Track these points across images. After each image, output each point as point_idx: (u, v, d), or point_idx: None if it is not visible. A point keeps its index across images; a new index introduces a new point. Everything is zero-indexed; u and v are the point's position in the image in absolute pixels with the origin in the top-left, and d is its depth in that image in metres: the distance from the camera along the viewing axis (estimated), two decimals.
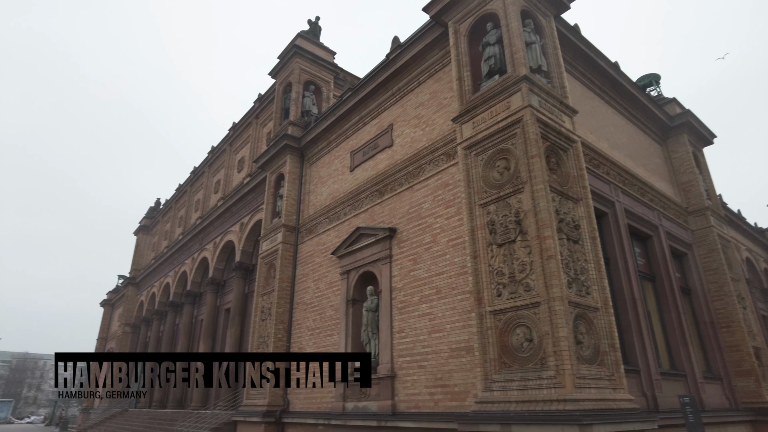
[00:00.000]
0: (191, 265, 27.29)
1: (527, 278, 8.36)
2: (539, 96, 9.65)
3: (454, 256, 10.45)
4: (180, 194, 34.20)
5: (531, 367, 7.89)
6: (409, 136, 13.00)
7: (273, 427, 14.30)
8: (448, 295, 10.33)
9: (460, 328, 9.84)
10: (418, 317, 10.89)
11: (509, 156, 9.32)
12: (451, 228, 10.73)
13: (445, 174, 11.36)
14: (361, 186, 14.22)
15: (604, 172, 12.45)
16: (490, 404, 8.11)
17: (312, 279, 15.48)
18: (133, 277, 38.80)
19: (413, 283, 11.30)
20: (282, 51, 20.28)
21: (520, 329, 8.26)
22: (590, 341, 8.21)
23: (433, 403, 10.00)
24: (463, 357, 9.64)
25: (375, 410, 11.19)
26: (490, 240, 9.12)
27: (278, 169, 18.36)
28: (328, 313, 14.14)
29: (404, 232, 12.03)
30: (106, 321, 47.27)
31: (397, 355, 11.17)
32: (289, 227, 16.91)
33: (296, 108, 18.60)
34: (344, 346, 12.90)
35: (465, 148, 10.11)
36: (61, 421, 41.65)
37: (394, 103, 13.98)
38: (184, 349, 26.22)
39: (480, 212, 9.44)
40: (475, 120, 10.13)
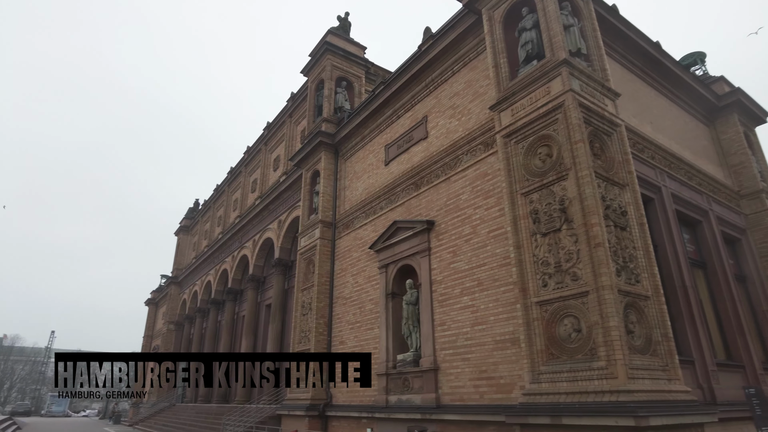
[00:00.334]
0: (231, 263, 27.91)
1: (574, 267, 8.14)
2: (580, 80, 9.35)
3: (495, 248, 10.29)
4: (218, 194, 34.98)
5: (580, 357, 7.69)
6: (445, 126, 12.85)
7: (316, 420, 14.49)
8: (490, 287, 10.18)
9: (504, 320, 9.69)
10: (460, 310, 10.79)
11: (551, 142, 9.08)
12: (491, 219, 10.56)
13: (483, 164, 11.18)
14: (396, 179, 14.17)
15: (648, 157, 11.99)
16: (539, 396, 7.96)
17: (350, 273, 15.56)
18: (176, 276, 39.98)
19: (453, 276, 11.19)
20: (313, 48, 20.39)
21: (568, 320, 8.06)
22: (641, 331, 7.93)
23: (478, 396, 9.90)
24: (508, 349, 9.50)
25: (419, 403, 11.17)
26: (533, 229, 8.93)
27: (313, 166, 18.52)
28: (368, 307, 14.18)
29: (442, 224, 11.92)
30: (151, 319, 48.95)
31: (440, 348, 11.10)
32: (326, 223, 17.04)
33: (329, 104, 18.68)
34: (385, 340, 12.92)
35: (504, 136, 9.91)
36: (114, 414, 43.44)
37: (428, 95, 13.85)
38: (226, 345, 26.88)
39: (522, 201, 9.25)
40: (514, 107, 9.92)
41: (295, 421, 14.99)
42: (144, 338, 48.83)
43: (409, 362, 11.84)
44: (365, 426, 12.84)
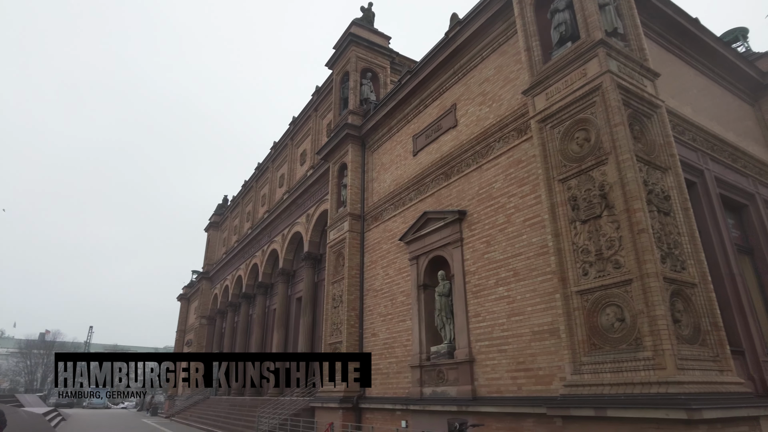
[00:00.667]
0: (261, 257, 28.21)
1: (616, 255, 7.85)
2: (617, 60, 8.98)
3: (531, 236, 10.03)
4: (246, 190, 35.38)
5: (624, 348, 7.42)
6: (475, 114, 12.59)
7: (350, 412, 14.52)
8: (527, 276, 9.94)
9: (542, 310, 9.45)
10: (495, 300, 10.58)
11: (589, 126, 8.76)
12: (526, 207, 10.30)
13: (516, 151, 10.91)
14: (425, 170, 13.98)
15: (689, 139, 11.50)
16: (581, 387, 7.73)
17: (380, 266, 15.47)
18: (206, 271, 40.69)
19: (488, 266, 10.98)
20: (337, 41, 20.28)
21: (610, 309, 7.79)
22: (689, 320, 7.61)
23: (516, 388, 9.70)
24: (546, 340, 9.27)
25: (454, 395, 11.03)
26: (572, 216, 8.64)
27: (340, 159, 18.46)
28: (399, 299, 14.09)
29: (475, 214, 11.70)
30: (183, 314, 50.02)
31: (475, 340, 10.93)
32: (354, 216, 16.99)
33: (355, 96, 18.56)
34: (418, 332, 12.80)
35: (539, 122, 9.62)
36: (151, 406, 44.66)
37: (456, 82, 13.59)
38: (258, 338, 27.23)
39: (560, 188, 8.96)
40: (548, 91, 9.60)
41: (328, 413, 15.05)
42: (177, 333, 49.94)
43: (443, 354, 11.71)
44: (399, 418, 12.79)
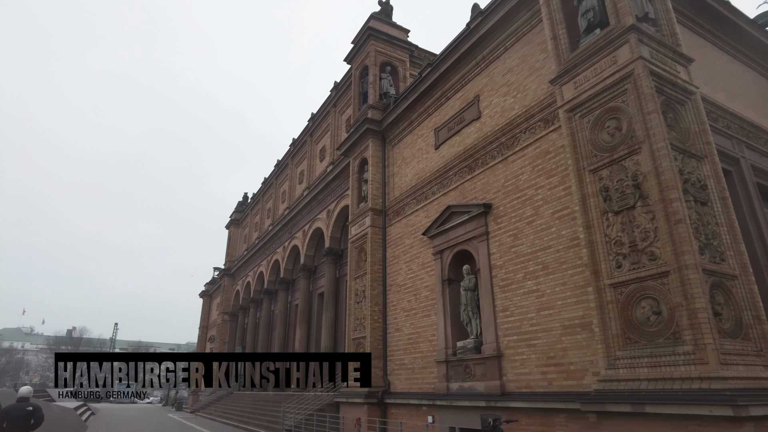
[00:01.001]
0: (283, 253, 28.35)
1: (651, 246, 7.62)
2: (649, 46, 8.69)
3: (560, 229, 9.82)
4: (266, 187, 35.58)
5: (662, 342, 7.20)
6: (499, 105, 12.37)
7: (375, 407, 14.49)
8: (556, 270, 9.74)
9: (573, 303, 9.25)
10: (524, 295, 10.40)
11: (620, 115, 8.51)
12: (555, 199, 10.08)
13: (544, 141, 10.68)
14: (448, 163, 13.82)
15: (724, 126, 11.14)
16: (616, 383, 7.54)
17: (403, 260, 15.38)
18: (228, 268, 41.11)
19: (515, 260, 10.80)
20: (356, 35, 20.17)
21: (646, 302, 7.56)
22: (730, 313, 7.35)
23: (546, 383, 9.53)
24: (577, 334, 9.07)
25: (482, 390, 10.91)
26: (604, 208, 8.42)
27: (361, 154, 18.38)
28: (423, 294, 13.98)
29: (501, 207, 11.51)
30: (205, 311, 50.70)
31: (503, 335, 10.77)
32: (376, 211, 16.91)
33: (374, 91, 18.45)
34: (443, 327, 12.69)
35: (567, 111, 9.38)
36: (176, 401, 45.43)
37: (479, 73, 13.38)
38: (281, 333, 27.41)
39: (590, 178, 8.74)
40: (577, 80, 9.36)
41: (353, 408, 15.05)
42: (200, 329, 50.65)
43: (470, 349, 11.58)
44: (426, 414, 12.71)
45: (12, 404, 7.82)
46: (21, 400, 7.75)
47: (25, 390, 7.92)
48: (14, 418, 7.43)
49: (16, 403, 7.74)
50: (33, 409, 7.63)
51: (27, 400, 7.76)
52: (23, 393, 7.85)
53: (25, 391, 7.88)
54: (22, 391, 7.88)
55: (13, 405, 7.67)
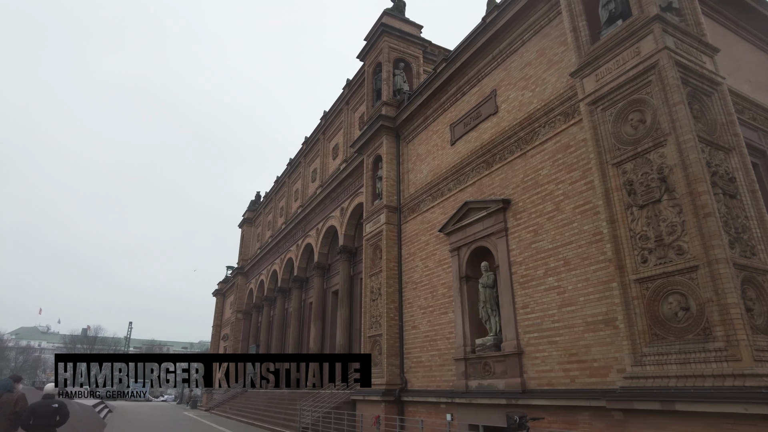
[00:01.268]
0: (296, 251, 28.39)
1: (678, 240, 7.45)
2: (674, 36, 8.50)
3: (582, 224, 9.66)
4: (279, 186, 35.65)
5: (691, 338, 7.04)
6: (517, 99, 12.22)
7: (392, 405, 14.43)
8: (578, 266, 9.59)
9: (596, 300, 9.10)
10: (545, 291, 10.26)
11: (644, 107, 8.33)
12: (576, 193, 9.93)
13: (564, 135, 10.52)
14: (464, 159, 13.69)
15: (749, 118, 10.91)
16: (643, 380, 7.39)
17: (419, 258, 15.28)
18: (242, 266, 41.29)
19: (536, 256, 10.65)
20: (369, 31, 20.08)
21: (673, 297, 7.40)
22: (762, 309, 7.16)
23: (568, 380, 9.39)
24: (601, 330, 8.92)
25: (502, 388, 10.79)
26: (628, 202, 8.26)
27: (375, 151, 18.30)
28: (440, 291, 13.87)
29: (520, 202, 11.37)
30: (219, 309, 50.99)
31: (523, 332, 10.64)
32: (391, 208, 16.83)
33: (388, 87, 18.35)
34: (461, 324, 12.58)
35: (589, 104, 9.22)
36: (190, 399, 45.78)
37: (495, 67, 13.23)
38: (295, 331, 27.47)
39: (614, 172, 8.58)
40: (598, 72, 9.19)
41: (370, 406, 15.00)
42: (213, 327, 50.98)
43: (489, 346, 11.46)
44: (444, 412, 12.62)
45: (38, 401, 7.84)
46: (47, 397, 7.78)
47: (50, 387, 7.94)
48: (41, 415, 7.47)
49: (42, 400, 7.77)
50: (59, 406, 7.65)
51: (52, 397, 7.79)
52: (48, 390, 7.87)
53: (50, 388, 7.90)
54: (47, 389, 7.90)
55: (39, 402, 7.70)
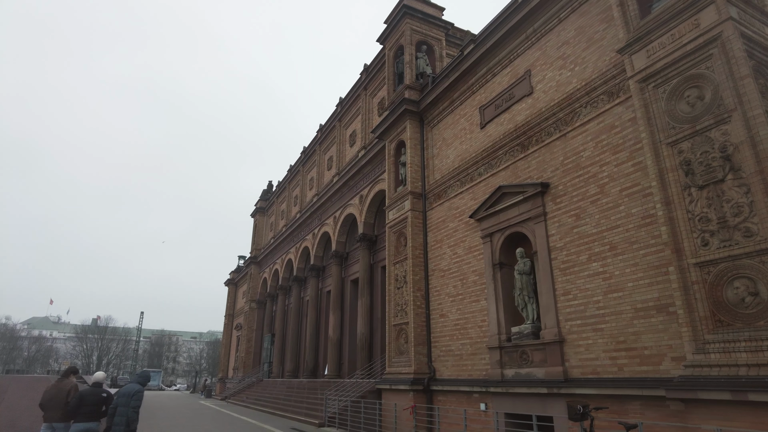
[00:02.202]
0: (313, 240, 28.13)
1: (746, 222, 7.06)
2: (737, 6, 8.04)
3: (630, 207, 9.28)
4: (292, 175, 35.33)
5: (763, 325, 6.67)
6: (554, 79, 11.79)
7: (421, 395, 14.19)
8: (626, 250, 9.23)
9: (647, 285, 8.74)
10: (588, 277, 9.92)
11: (703, 83, 7.91)
12: (623, 175, 9.53)
13: (608, 115, 10.10)
14: (496, 142, 13.30)
15: None
16: (707, 368, 7.05)
17: (447, 245, 14.95)
18: (255, 256, 41.14)
19: (578, 241, 10.29)
20: (389, 14, 19.60)
21: (739, 282, 7.03)
22: None
23: (616, 368, 9.08)
24: (652, 317, 8.58)
25: (542, 377, 10.50)
26: (686, 182, 7.87)
27: (397, 137, 17.92)
28: (471, 278, 13.55)
29: (560, 186, 10.99)
30: (231, 299, 51.00)
31: (564, 319, 10.32)
32: (415, 194, 16.48)
33: (411, 71, 17.91)
34: (495, 312, 12.27)
35: (639, 81, 8.80)
36: (204, 388, 45.96)
37: (529, 47, 12.77)
38: (313, 320, 27.30)
39: (668, 152, 8.18)
40: (650, 47, 8.75)
41: (397, 395, 14.78)
42: (226, 317, 51.05)
43: (527, 334, 11.15)
44: (477, 401, 12.37)
45: (87, 389, 7.76)
46: (96, 385, 7.72)
47: (100, 375, 7.88)
48: (89, 403, 7.37)
49: (91, 388, 7.69)
50: (107, 395, 7.53)
51: (101, 385, 7.68)
52: (98, 378, 7.81)
53: (99, 376, 7.84)
54: (97, 376, 7.85)
55: (88, 390, 7.62)
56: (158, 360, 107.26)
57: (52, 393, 7.61)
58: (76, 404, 7.23)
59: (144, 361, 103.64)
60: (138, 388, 7.53)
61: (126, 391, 7.50)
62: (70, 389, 7.67)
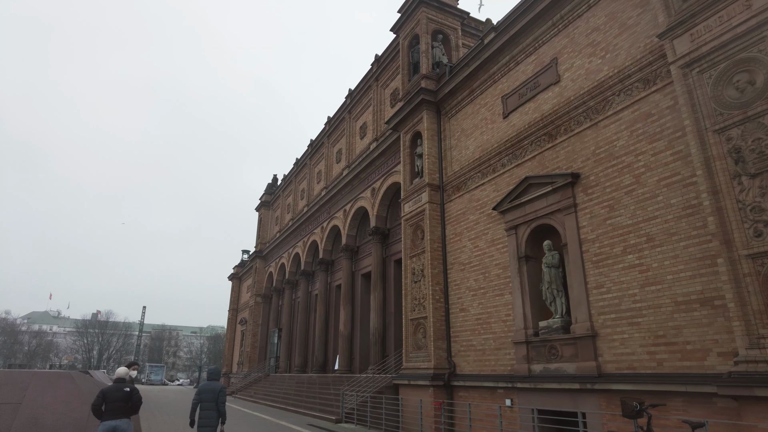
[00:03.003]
0: (321, 234, 27.82)
1: None
2: None
3: (669, 197, 8.98)
4: (299, 168, 34.96)
5: None
6: (583, 67, 11.45)
7: (441, 390, 13.94)
8: (665, 242, 8.93)
9: (689, 278, 8.45)
10: (624, 270, 9.62)
11: (753, 66, 7.58)
12: (661, 165, 9.22)
13: (644, 103, 9.78)
14: (521, 132, 12.97)
15: None
16: (763, 364, 6.76)
17: (467, 238, 14.66)
18: (260, 250, 40.82)
19: (612, 233, 10.00)
20: (403, 3, 19.22)
21: None
22: None
23: (655, 363, 8.80)
24: (695, 311, 8.29)
25: (573, 372, 10.23)
26: (735, 171, 7.56)
27: (413, 127, 17.58)
28: (494, 272, 13.27)
29: (591, 176, 10.67)
30: (235, 293, 50.76)
31: (597, 313, 10.04)
32: (433, 186, 16.17)
33: (427, 60, 17.55)
34: (521, 306, 11.99)
35: (682, 67, 8.47)
36: None
37: (556, 34, 12.43)
38: (322, 315, 27.02)
39: (715, 139, 7.87)
40: (694, 31, 8.42)
41: (416, 391, 14.52)
42: (229, 311, 50.81)
43: (556, 329, 10.88)
44: (502, 397, 12.11)
45: (109, 385, 7.52)
46: (118, 381, 7.41)
47: (122, 370, 7.53)
48: (112, 400, 7.10)
49: (113, 384, 7.42)
50: (130, 390, 7.22)
51: (124, 380, 7.36)
52: (120, 373, 7.49)
53: (122, 372, 7.50)
54: (119, 372, 7.53)
55: (112, 386, 7.34)
56: (158, 355, 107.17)
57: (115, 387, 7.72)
58: (98, 402, 6.96)
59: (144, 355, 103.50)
60: (222, 386, 8.18)
61: (210, 387, 8.08)
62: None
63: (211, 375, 8.46)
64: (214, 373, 8.53)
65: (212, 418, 7.85)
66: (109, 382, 25.12)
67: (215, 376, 8.46)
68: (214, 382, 8.29)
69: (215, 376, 8.47)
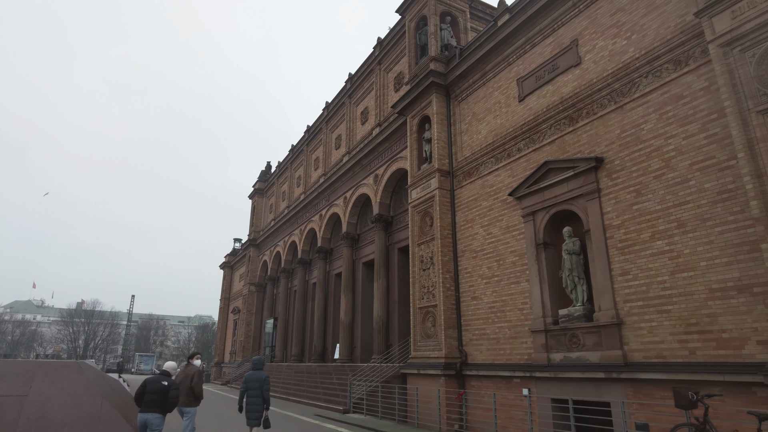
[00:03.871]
0: (319, 222, 27.33)
1: None
2: None
3: (702, 182, 8.70)
4: (295, 155, 34.29)
5: None
6: (606, 49, 11.09)
7: (452, 380, 13.69)
8: (697, 227, 8.67)
9: (724, 264, 8.21)
10: (652, 256, 9.36)
11: None
12: (693, 149, 8.93)
13: (674, 85, 9.46)
14: (539, 115, 12.62)
15: None
16: None
17: (479, 224, 14.33)
18: (254, 238, 40.17)
19: (638, 219, 9.72)
20: None
21: None
22: None
23: (687, 352, 8.58)
24: (732, 298, 8.06)
25: (596, 361, 10.00)
26: None
27: (421, 112, 17.14)
28: (509, 259, 12.97)
29: (616, 160, 10.37)
30: (227, 282, 50.08)
31: (622, 300, 9.79)
32: (443, 172, 15.78)
33: (436, 42, 17.06)
34: (539, 294, 11.72)
35: (722, 45, 8.16)
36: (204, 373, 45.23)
37: (576, 15, 12.04)
38: (320, 304, 26.63)
39: (759, 121, 7.58)
40: (736, 8, 8.09)
41: (426, 380, 14.25)
42: (221, 300, 50.18)
43: (578, 317, 10.63)
44: (518, 386, 11.88)
45: (152, 377, 7.46)
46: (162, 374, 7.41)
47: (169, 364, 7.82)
48: (150, 391, 7.07)
49: (155, 376, 7.42)
50: (168, 384, 7.03)
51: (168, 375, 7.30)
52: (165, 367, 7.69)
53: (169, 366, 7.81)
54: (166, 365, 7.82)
55: (152, 377, 7.35)
56: (146, 344, 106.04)
57: (180, 378, 8.42)
58: (139, 392, 6.80)
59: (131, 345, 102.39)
60: (266, 376, 8.85)
61: (255, 377, 8.77)
62: (194, 374, 8.48)
63: (255, 365, 9.01)
64: (259, 363, 9.05)
65: (258, 404, 8.63)
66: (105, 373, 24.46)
67: (259, 366, 9.01)
68: (259, 371, 8.93)
69: (259, 365, 9.00)
